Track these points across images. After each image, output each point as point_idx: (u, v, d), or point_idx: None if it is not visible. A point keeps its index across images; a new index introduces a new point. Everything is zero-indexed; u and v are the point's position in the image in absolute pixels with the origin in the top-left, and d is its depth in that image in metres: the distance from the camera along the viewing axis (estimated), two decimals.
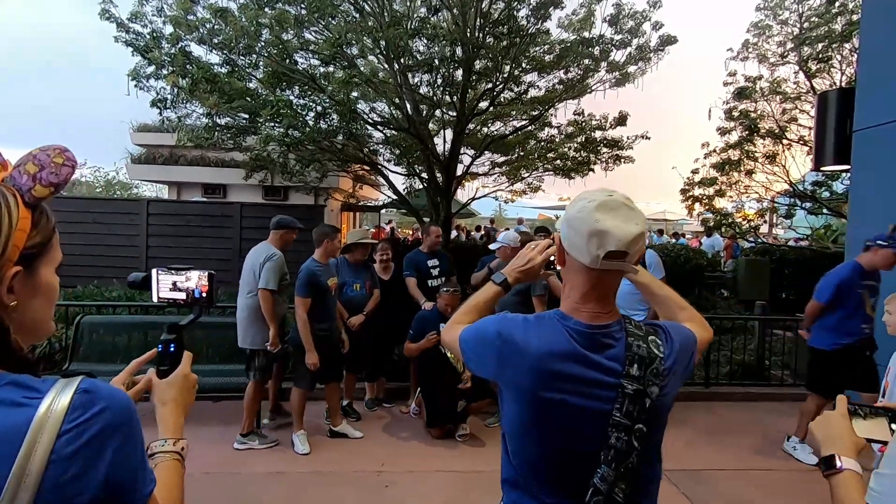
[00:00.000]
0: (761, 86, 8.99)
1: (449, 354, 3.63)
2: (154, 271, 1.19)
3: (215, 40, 6.24)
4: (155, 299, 1.20)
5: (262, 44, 6.25)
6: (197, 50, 6.41)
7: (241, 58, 6.58)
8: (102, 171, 25.78)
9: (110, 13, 6.31)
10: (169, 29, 6.20)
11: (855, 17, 7.54)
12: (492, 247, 4.33)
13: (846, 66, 8.21)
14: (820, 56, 8.11)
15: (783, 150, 8.80)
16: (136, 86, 6.11)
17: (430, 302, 4.18)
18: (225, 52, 6.42)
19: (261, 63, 6.53)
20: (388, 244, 4.72)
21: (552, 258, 1.23)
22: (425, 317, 4.07)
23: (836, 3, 7.78)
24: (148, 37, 6.34)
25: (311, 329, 3.59)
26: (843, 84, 8.20)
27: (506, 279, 1.27)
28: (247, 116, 6.67)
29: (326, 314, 3.76)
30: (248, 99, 6.41)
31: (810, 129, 8.95)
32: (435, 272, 4.52)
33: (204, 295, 1.17)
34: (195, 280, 1.17)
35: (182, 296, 1.18)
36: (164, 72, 6.14)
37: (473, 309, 1.27)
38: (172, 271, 1.16)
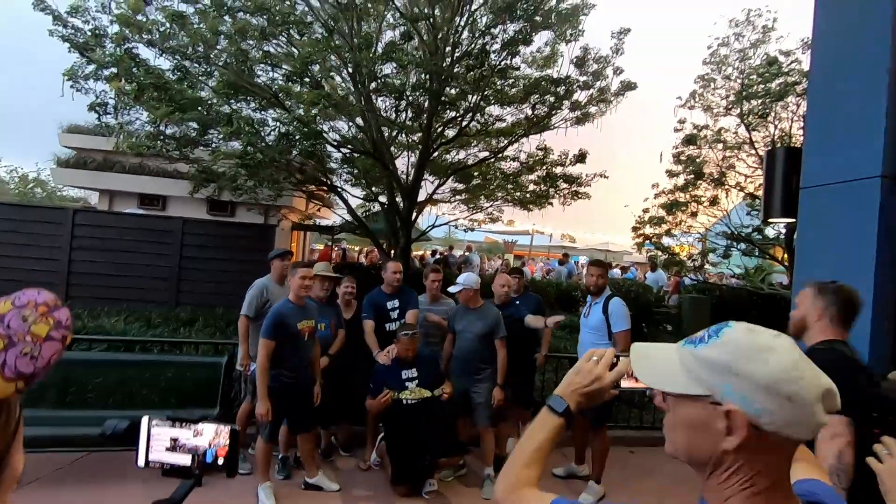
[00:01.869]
0: (706, 134, 9.56)
1: None
2: (145, 420, 0.83)
3: (167, 44, 5.78)
4: (141, 463, 0.83)
5: (219, 51, 5.86)
6: (144, 52, 5.91)
7: (195, 65, 6.14)
8: (19, 171, 23.39)
9: (45, 4, 5.72)
10: (115, 28, 5.68)
11: (790, 79, 8.22)
12: (452, 289, 4.00)
13: (780, 121, 8.89)
14: (758, 112, 8.74)
15: (725, 195, 9.36)
16: (72, 87, 5.52)
17: (385, 353, 3.77)
18: (177, 57, 5.96)
19: (216, 72, 6.12)
20: (353, 278, 4.40)
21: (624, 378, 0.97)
22: (381, 371, 3.70)
23: (774, 65, 8.44)
24: (89, 34, 5.78)
25: (269, 376, 3.26)
26: (777, 136, 8.88)
27: (568, 406, 0.96)
28: (197, 127, 6.20)
29: (294, 360, 3.41)
30: (201, 110, 5.97)
31: (747, 176, 9.64)
32: (394, 314, 4.11)
33: (221, 461, 0.82)
34: (209, 436, 0.82)
35: (186, 460, 0.82)
36: (106, 73, 5.60)
37: (536, 455, 0.95)
38: (176, 424, 0.82)
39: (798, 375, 0.67)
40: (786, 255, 8.74)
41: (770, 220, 6.30)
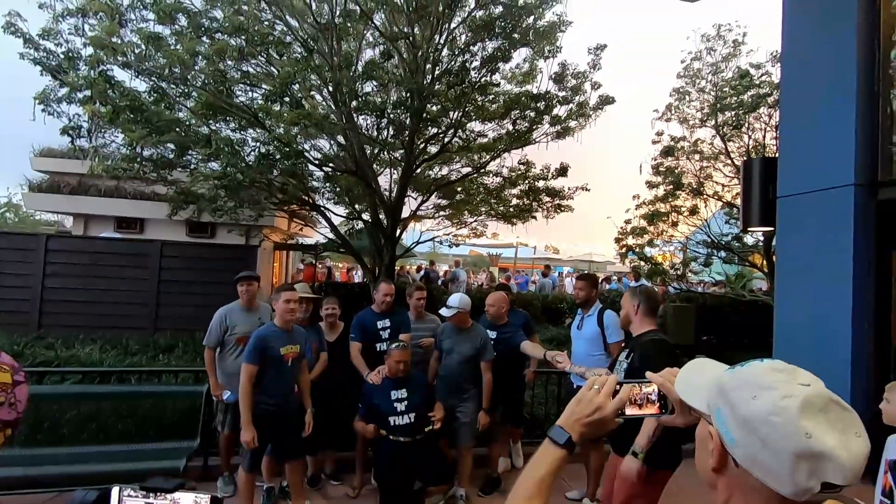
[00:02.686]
0: (683, 145, 9.77)
1: None
2: (115, 491, 0.77)
3: (143, 66, 5.70)
4: None
5: (196, 72, 5.80)
6: (120, 74, 5.82)
7: (172, 86, 6.06)
8: None
9: (16, 27, 5.61)
10: (89, 50, 5.58)
11: (762, 91, 8.46)
12: (444, 312, 3.87)
13: (754, 132, 9.13)
14: (732, 123, 8.97)
15: (704, 204, 9.53)
16: (43, 110, 5.38)
17: (376, 373, 3.62)
18: (154, 78, 5.88)
19: (194, 93, 6.04)
20: (335, 299, 4.30)
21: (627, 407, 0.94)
22: (371, 391, 3.57)
23: (746, 78, 8.69)
24: (62, 56, 5.67)
25: (252, 402, 3.15)
26: (751, 147, 9.10)
27: (570, 437, 0.92)
28: (175, 149, 6.10)
29: (277, 386, 3.29)
30: (178, 131, 5.88)
31: (724, 186, 9.85)
32: (385, 334, 3.97)
33: None
34: None
35: None
36: (80, 96, 5.49)
37: (539, 488, 0.91)
38: (150, 494, 0.75)
39: (778, 421, 0.64)
40: (765, 262, 8.90)
41: (749, 228, 6.45)
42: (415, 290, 4.32)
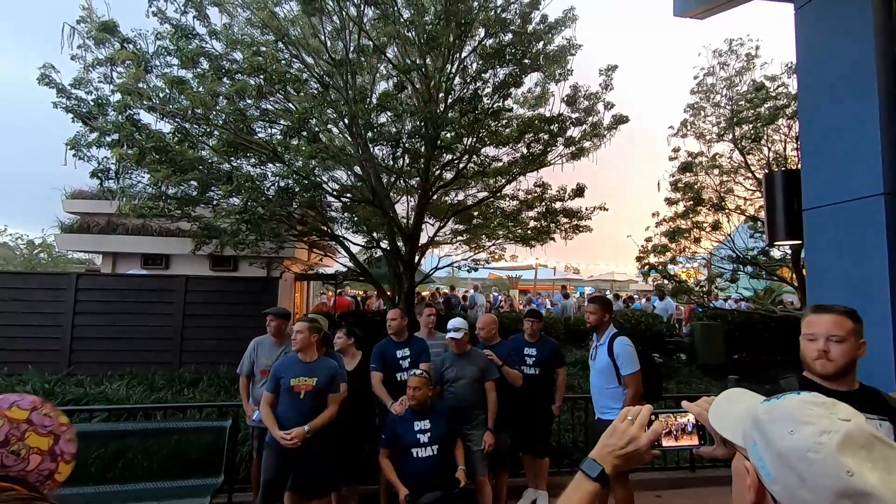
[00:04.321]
0: (701, 160, 9.66)
1: None
2: None
3: (167, 109, 5.94)
4: None
5: (217, 111, 6.00)
6: (146, 118, 6.07)
7: (195, 126, 6.28)
8: (24, 238, 23.73)
9: (50, 78, 5.91)
10: (117, 97, 5.84)
11: (779, 103, 8.36)
12: (452, 335, 3.81)
13: (773, 144, 8.98)
14: (750, 136, 8.85)
15: (726, 219, 9.35)
16: (74, 155, 5.62)
17: (399, 404, 3.58)
18: (177, 120, 6.11)
19: (215, 132, 6.25)
20: (343, 329, 4.21)
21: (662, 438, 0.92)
22: (394, 421, 3.52)
23: (762, 91, 8.61)
24: (92, 103, 5.95)
25: (273, 422, 3.22)
26: (772, 159, 8.94)
27: (603, 470, 0.89)
28: (198, 186, 6.28)
29: (286, 417, 3.27)
30: (201, 169, 6.06)
31: (746, 199, 9.66)
32: (405, 363, 3.94)
33: None
34: None
35: None
36: (108, 140, 5.72)
37: None
38: None
39: (817, 458, 0.61)
40: (794, 276, 8.61)
41: (775, 242, 6.27)
42: (425, 307, 4.36)
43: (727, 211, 9.45)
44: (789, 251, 8.45)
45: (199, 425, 4.14)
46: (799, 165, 5.48)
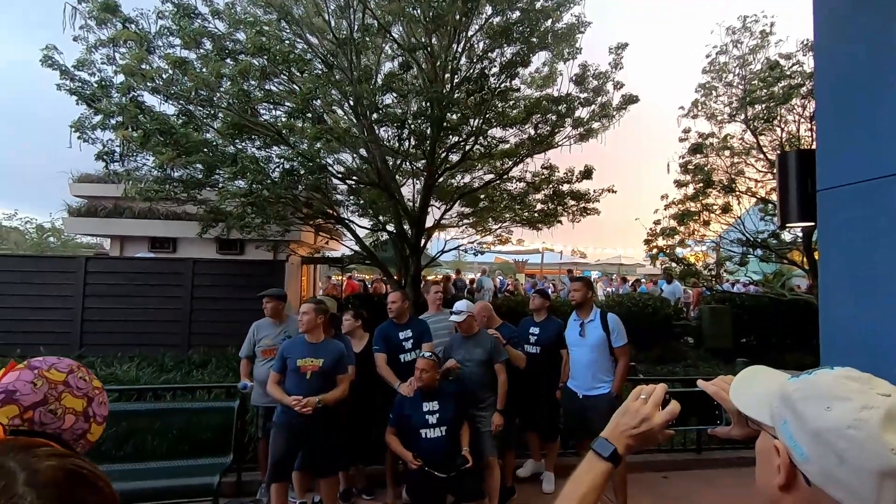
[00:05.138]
0: (712, 141, 9.47)
1: None
2: None
3: (171, 90, 5.88)
4: None
5: (222, 94, 5.94)
6: (150, 100, 6.03)
7: (199, 108, 6.22)
8: (34, 223, 23.95)
9: (53, 60, 5.86)
10: (120, 78, 5.79)
11: (793, 82, 8.14)
12: (455, 319, 3.86)
13: (787, 124, 8.78)
14: (763, 116, 8.65)
15: (737, 201, 9.21)
16: (79, 137, 5.60)
17: (408, 385, 3.62)
18: (181, 102, 6.05)
19: (220, 114, 6.19)
20: (351, 312, 4.25)
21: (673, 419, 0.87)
22: (402, 402, 3.55)
23: (776, 69, 8.38)
24: (95, 85, 5.90)
25: (281, 396, 3.31)
26: (785, 140, 8.75)
27: (615, 450, 0.87)
28: (203, 169, 6.25)
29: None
30: (206, 151, 6.02)
31: (757, 181, 9.49)
32: (408, 345, 3.97)
33: None
34: None
35: None
36: (113, 122, 5.69)
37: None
38: None
39: (858, 435, 0.57)
40: (805, 259, 8.49)
41: (787, 224, 6.17)
42: (432, 285, 4.41)
43: (738, 193, 9.30)
44: (801, 234, 8.32)
45: (208, 406, 4.19)
46: (813, 146, 5.36)
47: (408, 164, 7.63)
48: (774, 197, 6.00)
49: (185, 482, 3.31)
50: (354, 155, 7.63)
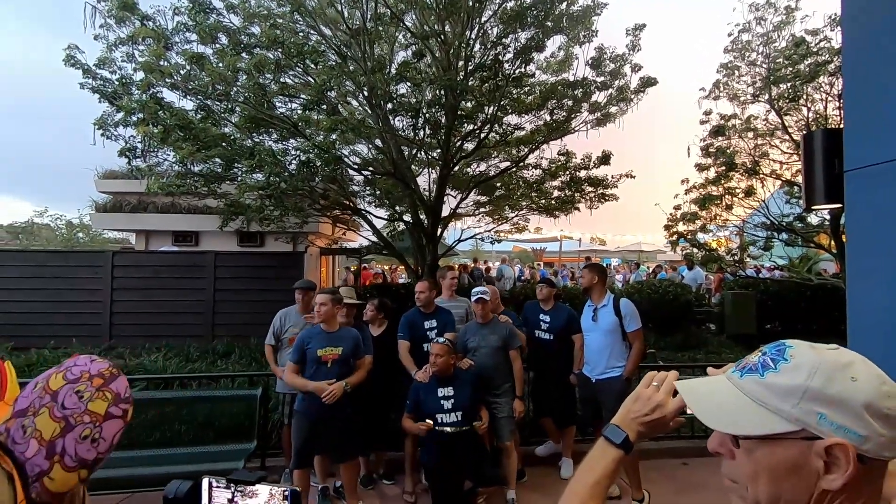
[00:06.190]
0: (734, 123, 9.22)
1: None
2: (206, 482, 0.78)
3: (189, 86, 5.97)
4: None
5: (238, 88, 6.01)
6: (169, 96, 6.13)
7: (217, 103, 6.31)
8: (63, 220, 24.73)
9: (76, 59, 6.00)
10: (140, 75, 5.90)
11: (820, 59, 7.85)
12: (475, 299, 3.87)
13: (813, 103, 8.48)
14: (788, 96, 8.37)
15: (761, 184, 8.97)
16: (102, 135, 5.74)
17: (423, 371, 3.65)
18: (199, 97, 6.15)
19: (237, 108, 6.27)
20: (375, 302, 4.30)
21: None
22: (418, 389, 3.59)
23: (802, 46, 8.09)
24: (117, 83, 6.03)
25: (303, 384, 3.39)
26: (811, 119, 8.46)
27: (627, 437, 0.86)
28: (222, 163, 6.35)
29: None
30: (224, 146, 6.12)
31: (782, 163, 9.21)
32: (432, 334, 3.99)
33: None
34: (263, 498, 0.77)
35: None
36: (134, 119, 5.81)
37: (594, 492, 0.84)
38: (231, 485, 0.75)
39: (890, 390, 0.61)
40: (832, 243, 8.24)
41: (813, 207, 5.99)
42: (447, 271, 4.53)
43: (761, 176, 9.05)
44: (827, 216, 8.07)
45: (232, 394, 4.31)
46: (841, 126, 5.17)
47: (423, 153, 7.62)
48: (800, 179, 5.84)
49: (210, 467, 3.41)
50: (370, 146, 7.66)
